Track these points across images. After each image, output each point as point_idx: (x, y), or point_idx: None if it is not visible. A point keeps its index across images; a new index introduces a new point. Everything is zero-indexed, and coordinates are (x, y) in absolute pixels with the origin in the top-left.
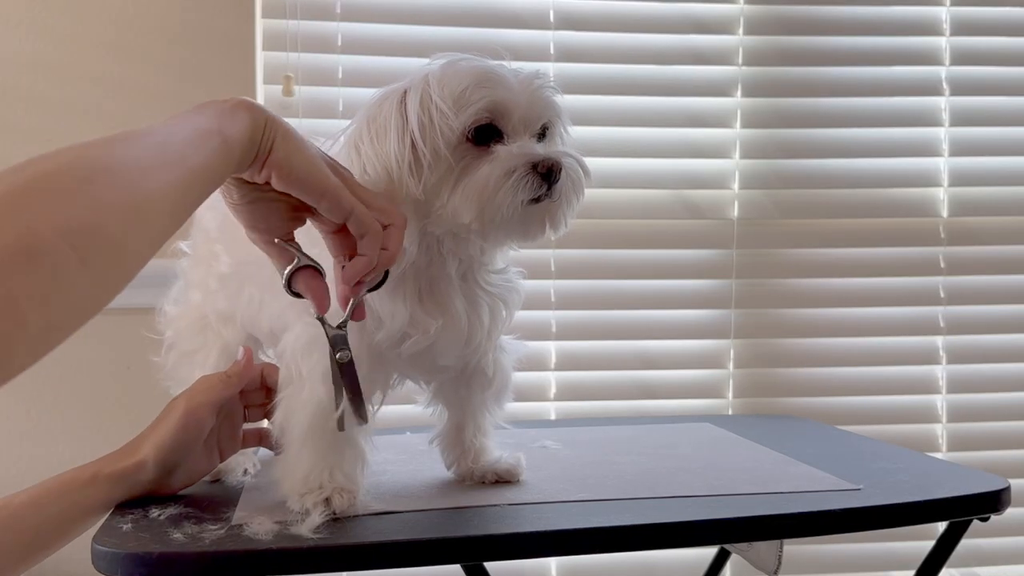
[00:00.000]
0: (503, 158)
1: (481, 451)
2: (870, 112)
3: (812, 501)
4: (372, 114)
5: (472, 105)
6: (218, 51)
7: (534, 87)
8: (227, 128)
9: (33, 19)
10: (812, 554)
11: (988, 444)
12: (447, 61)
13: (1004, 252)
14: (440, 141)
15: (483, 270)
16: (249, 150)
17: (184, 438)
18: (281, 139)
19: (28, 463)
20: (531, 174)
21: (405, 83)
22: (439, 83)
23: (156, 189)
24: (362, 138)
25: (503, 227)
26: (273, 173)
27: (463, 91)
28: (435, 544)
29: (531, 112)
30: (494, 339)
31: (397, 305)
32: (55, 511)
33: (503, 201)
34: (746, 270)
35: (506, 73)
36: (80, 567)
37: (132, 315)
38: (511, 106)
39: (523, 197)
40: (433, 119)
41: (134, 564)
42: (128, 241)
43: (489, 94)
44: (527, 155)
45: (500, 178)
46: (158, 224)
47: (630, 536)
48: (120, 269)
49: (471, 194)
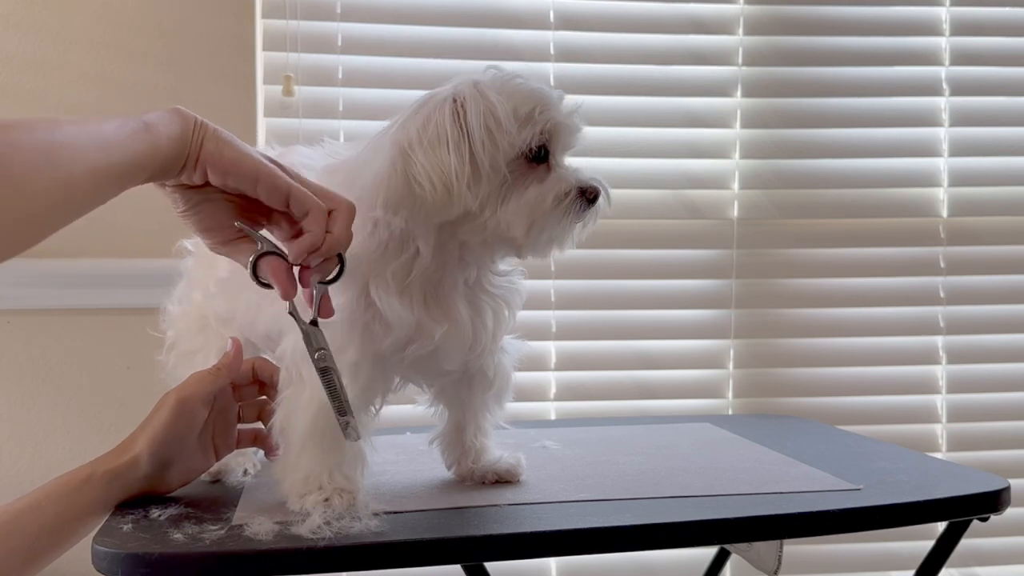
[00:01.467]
0: (559, 180)
1: (481, 451)
2: (870, 112)
3: (812, 501)
4: (422, 121)
5: (537, 126)
6: (218, 51)
7: (571, 109)
8: (156, 124)
9: (33, 19)
10: (812, 554)
11: (988, 444)
12: (499, 76)
13: (1004, 252)
14: (500, 157)
15: (488, 274)
16: (180, 150)
17: (176, 431)
18: (211, 137)
19: (28, 463)
20: (580, 198)
21: (449, 92)
22: (501, 98)
23: (68, 143)
24: (412, 146)
25: (548, 243)
26: (207, 169)
27: (530, 111)
28: (435, 544)
29: (572, 137)
30: (498, 341)
31: (404, 310)
32: (53, 514)
33: (555, 220)
34: (746, 270)
35: (557, 95)
36: (80, 567)
37: (132, 315)
38: (563, 130)
39: (573, 219)
40: (493, 134)
41: (134, 564)
42: (29, 182)
43: (551, 116)
44: (579, 180)
45: (556, 199)
46: (68, 179)
47: (630, 536)
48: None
49: (524, 210)
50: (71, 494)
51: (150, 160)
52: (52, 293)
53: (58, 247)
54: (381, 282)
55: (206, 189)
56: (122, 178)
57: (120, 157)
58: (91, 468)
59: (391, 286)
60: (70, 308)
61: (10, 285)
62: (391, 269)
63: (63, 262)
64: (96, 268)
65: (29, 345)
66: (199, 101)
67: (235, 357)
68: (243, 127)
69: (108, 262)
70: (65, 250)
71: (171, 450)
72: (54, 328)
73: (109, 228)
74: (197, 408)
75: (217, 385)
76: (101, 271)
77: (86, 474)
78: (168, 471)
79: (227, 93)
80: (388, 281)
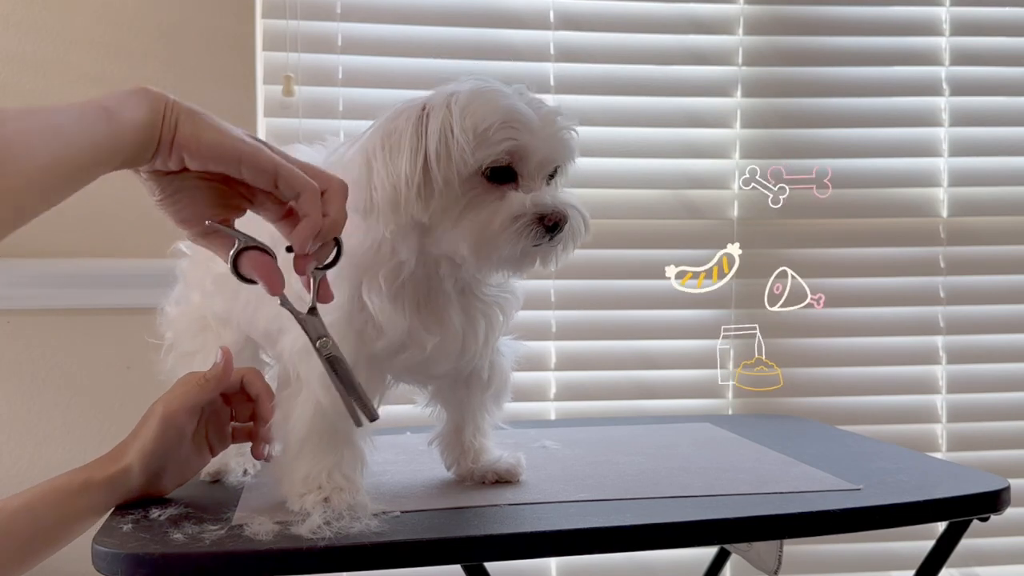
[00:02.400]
0: (512, 204)
1: (481, 451)
2: (870, 112)
3: (812, 501)
4: (389, 128)
5: (494, 146)
6: (218, 51)
7: (554, 129)
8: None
9: (33, 19)
10: (812, 554)
11: (988, 444)
12: (473, 89)
13: (1004, 252)
14: (453, 172)
15: (481, 285)
16: (148, 136)
17: (164, 444)
18: (185, 117)
19: (28, 463)
20: (535, 224)
21: (425, 99)
22: (463, 113)
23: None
24: (375, 152)
25: (497, 265)
26: (184, 153)
27: (487, 128)
28: (435, 544)
29: (549, 156)
30: (490, 347)
31: (397, 315)
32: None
33: (503, 245)
34: (746, 270)
35: (530, 114)
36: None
37: (133, 315)
38: (531, 151)
39: (524, 245)
40: (451, 149)
41: (134, 564)
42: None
43: (512, 136)
44: (537, 205)
45: (505, 223)
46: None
47: (630, 536)
48: None
49: (473, 230)
50: (68, 499)
51: (112, 150)
52: (52, 293)
53: (58, 247)
54: (374, 285)
55: (184, 175)
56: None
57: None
58: (87, 474)
59: (383, 289)
60: (70, 308)
61: (10, 285)
62: (383, 272)
63: (63, 262)
64: (96, 268)
65: (29, 345)
66: (199, 101)
67: (225, 368)
68: (243, 127)
69: (108, 262)
70: (65, 250)
71: (161, 460)
72: (54, 328)
73: (109, 228)
74: (184, 421)
75: (204, 397)
76: (101, 271)
77: (82, 480)
78: (162, 478)
79: (227, 93)
80: (380, 284)
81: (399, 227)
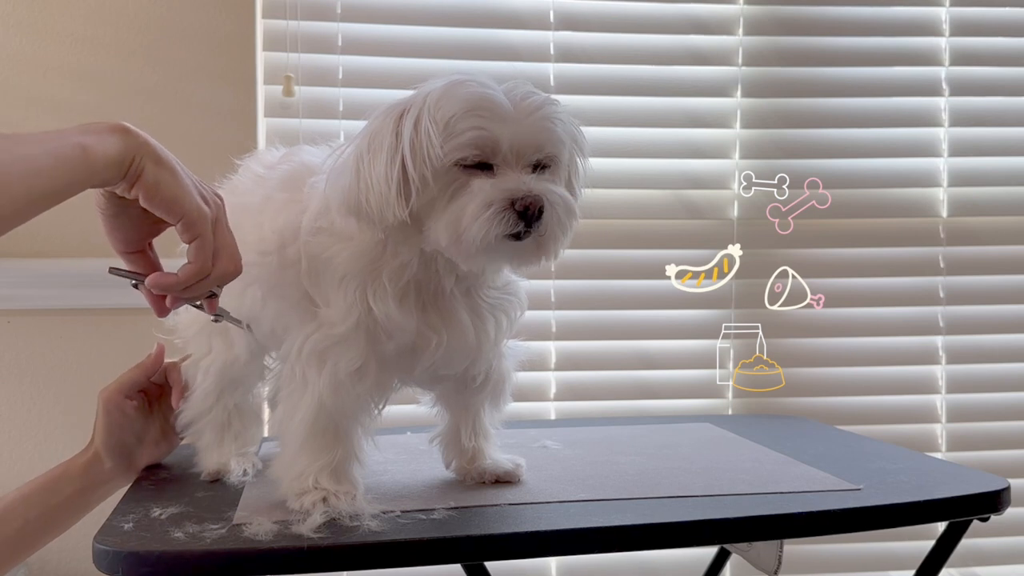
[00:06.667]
0: (480, 192)
1: (480, 452)
2: (870, 112)
3: (812, 501)
4: (372, 130)
5: (457, 136)
6: (218, 51)
7: (534, 118)
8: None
9: (32, 19)
10: (812, 554)
11: (988, 444)
12: (449, 83)
13: (1004, 252)
14: (428, 167)
15: (484, 286)
16: (116, 170)
17: (113, 422)
18: (152, 164)
19: (28, 463)
20: (508, 210)
21: (407, 99)
22: (434, 107)
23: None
24: (362, 155)
25: (480, 257)
26: (140, 193)
27: (451, 119)
28: (435, 544)
29: (525, 144)
30: (499, 348)
31: (404, 316)
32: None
33: (477, 234)
34: (746, 270)
35: (502, 101)
36: (81, 566)
37: (133, 315)
38: (499, 138)
39: (497, 232)
40: (423, 144)
41: (135, 563)
42: None
43: (478, 124)
44: (506, 191)
45: (476, 211)
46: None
47: (630, 536)
48: None
49: (449, 222)
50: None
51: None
52: (52, 293)
53: (58, 247)
54: (379, 287)
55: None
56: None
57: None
58: (65, 465)
59: (388, 290)
60: (70, 308)
61: (10, 285)
62: (387, 273)
63: (63, 262)
64: (96, 268)
65: (29, 345)
66: (199, 101)
67: (155, 358)
68: (243, 127)
69: (108, 262)
70: (65, 250)
71: (120, 439)
72: (54, 328)
73: None
74: (121, 400)
75: (134, 379)
76: (101, 271)
77: (61, 470)
78: (132, 458)
79: (227, 93)
80: (385, 285)
81: (390, 228)
